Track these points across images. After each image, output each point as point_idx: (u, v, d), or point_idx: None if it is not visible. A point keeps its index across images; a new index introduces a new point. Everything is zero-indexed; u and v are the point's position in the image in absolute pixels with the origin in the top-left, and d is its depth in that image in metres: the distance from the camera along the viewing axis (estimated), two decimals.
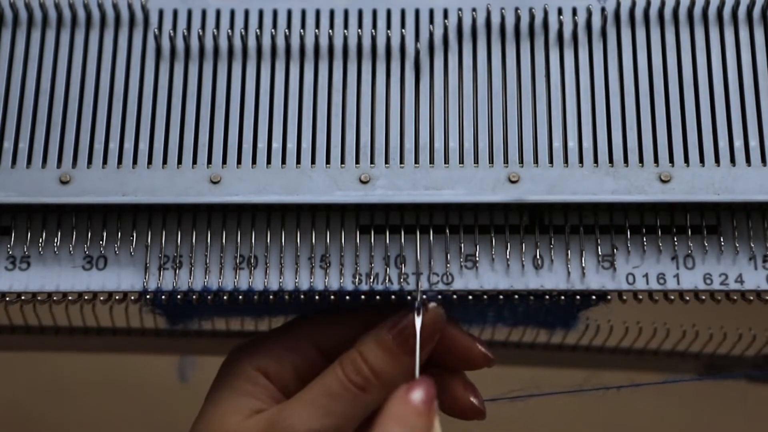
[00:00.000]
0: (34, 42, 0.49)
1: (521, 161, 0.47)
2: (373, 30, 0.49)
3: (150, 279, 0.46)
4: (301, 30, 0.50)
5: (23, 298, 0.47)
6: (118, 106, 0.48)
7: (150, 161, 0.47)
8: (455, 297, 0.46)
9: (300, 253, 0.47)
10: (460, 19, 0.50)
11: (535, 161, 0.47)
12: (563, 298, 0.46)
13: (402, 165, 0.47)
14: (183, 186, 0.46)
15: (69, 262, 0.47)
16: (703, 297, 0.46)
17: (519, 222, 0.47)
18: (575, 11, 0.50)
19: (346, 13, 0.50)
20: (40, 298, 0.47)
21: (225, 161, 0.47)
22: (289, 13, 0.50)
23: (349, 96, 0.49)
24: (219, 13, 0.50)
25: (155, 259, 0.47)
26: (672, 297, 0.47)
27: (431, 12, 0.50)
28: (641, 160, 0.47)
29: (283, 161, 0.47)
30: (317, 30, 0.50)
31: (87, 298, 0.47)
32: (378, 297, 0.46)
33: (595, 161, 0.47)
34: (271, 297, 0.46)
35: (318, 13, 0.50)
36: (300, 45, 0.49)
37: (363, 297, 0.46)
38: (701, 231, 0.47)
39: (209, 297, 0.46)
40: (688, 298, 0.47)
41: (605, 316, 0.60)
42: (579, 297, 0.46)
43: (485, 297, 0.46)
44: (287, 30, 0.49)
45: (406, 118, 0.48)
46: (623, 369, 0.66)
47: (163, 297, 0.46)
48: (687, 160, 0.47)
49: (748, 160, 0.47)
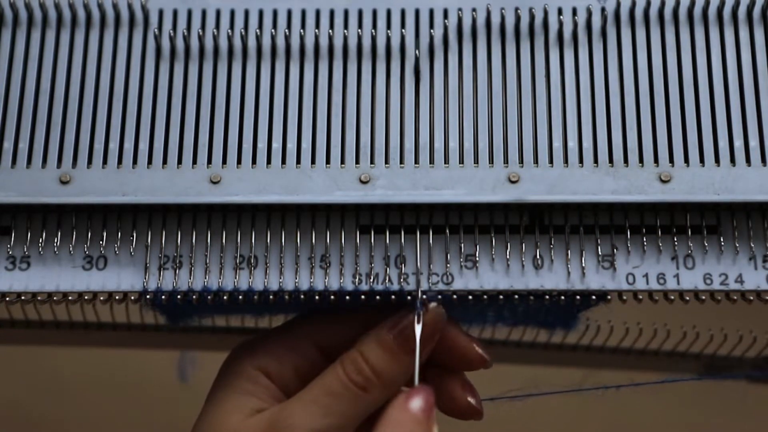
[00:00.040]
0: (34, 42, 0.49)
1: (521, 161, 0.47)
2: (373, 30, 0.49)
3: (150, 279, 0.46)
4: (301, 30, 0.50)
5: (23, 298, 0.47)
6: (118, 106, 0.48)
7: (150, 161, 0.47)
8: (455, 297, 0.46)
9: (300, 253, 0.47)
10: (460, 19, 0.50)
11: (535, 161, 0.47)
12: (563, 298, 0.46)
13: (402, 165, 0.47)
14: (183, 186, 0.46)
15: (69, 262, 0.47)
16: (703, 297, 0.46)
17: (519, 222, 0.47)
18: (575, 11, 0.50)
19: (346, 13, 0.50)
20: (40, 298, 0.47)
21: (225, 161, 0.47)
22: (289, 13, 0.50)
23: (349, 96, 0.49)
24: (219, 13, 0.50)
25: (155, 259, 0.47)
26: (672, 297, 0.47)
27: (431, 12, 0.50)
28: (641, 160, 0.47)
29: (283, 161, 0.47)
30: (317, 30, 0.50)
31: (87, 298, 0.47)
32: (378, 297, 0.46)
33: (595, 161, 0.47)
34: (271, 297, 0.46)
35: (318, 13, 0.50)
36: (300, 45, 0.49)
37: (363, 297, 0.46)
38: (701, 231, 0.47)
39: (209, 297, 0.46)
40: (688, 298, 0.47)
41: (605, 316, 0.60)
42: (579, 297, 0.46)
43: (485, 297, 0.46)
44: (287, 30, 0.49)
45: (406, 118, 0.48)
46: (623, 368, 0.66)
47: (163, 297, 0.46)
48: (687, 160, 0.47)
49: (748, 160, 0.47)
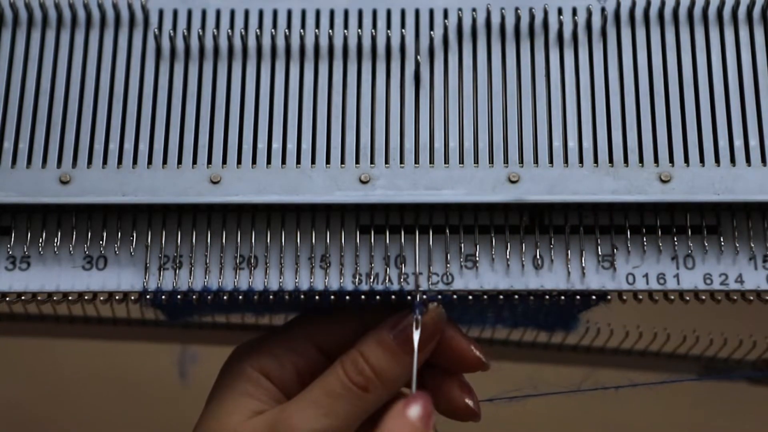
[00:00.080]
0: (34, 42, 0.49)
1: (521, 161, 0.47)
2: (373, 30, 0.49)
3: (150, 279, 0.46)
4: (301, 30, 0.50)
5: (23, 298, 0.47)
6: (118, 106, 0.48)
7: (150, 161, 0.47)
8: (455, 297, 0.46)
9: (300, 253, 0.47)
10: (460, 19, 0.50)
11: (535, 161, 0.47)
12: (563, 298, 0.46)
13: (402, 165, 0.47)
14: (183, 186, 0.46)
15: (69, 262, 0.47)
16: (703, 297, 0.46)
17: (519, 222, 0.47)
18: (575, 11, 0.50)
19: (346, 13, 0.50)
20: (40, 298, 0.47)
21: (225, 161, 0.47)
22: (289, 13, 0.50)
23: (349, 96, 0.49)
24: (219, 13, 0.50)
25: (155, 259, 0.47)
26: (672, 297, 0.47)
27: (431, 12, 0.50)
28: (641, 160, 0.47)
29: (283, 161, 0.47)
30: (317, 30, 0.50)
31: (87, 298, 0.47)
32: (378, 297, 0.46)
33: (595, 161, 0.47)
34: (271, 297, 0.46)
35: (318, 13, 0.50)
36: (300, 45, 0.49)
37: (363, 297, 0.46)
38: (701, 231, 0.47)
39: (209, 297, 0.46)
40: (688, 298, 0.47)
41: (605, 318, 0.59)
42: (579, 297, 0.46)
43: (485, 297, 0.46)
44: (287, 30, 0.49)
45: (406, 118, 0.48)
46: (622, 370, 0.66)
47: (163, 297, 0.46)
48: (687, 160, 0.47)
49: (748, 160, 0.47)
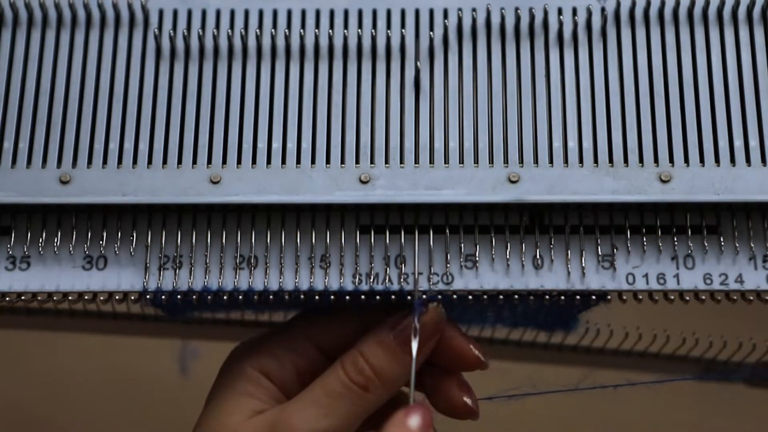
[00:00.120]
0: (34, 42, 0.49)
1: (521, 161, 0.47)
2: (373, 30, 0.49)
3: (150, 279, 0.46)
4: (301, 30, 0.50)
5: (23, 297, 0.47)
6: (118, 106, 0.48)
7: (150, 161, 0.47)
8: (455, 297, 0.46)
9: (300, 253, 0.47)
10: (460, 19, 0.50)
11: (535, 161, 0.47)
12: (563, 298, 0.46)
13: (402, 165, 0.47)
14: (183, 186, 0.46)
15: (69, 262, 0.47)
16: (703, 297, 0.46)
17: (519, 222, 0.47)
18: (575, 11, 0.50)
19: (346, 13, 0.50)
20: (40, 298, 0.47)
21: (225, 161, 0.47)
22: (289, 13, 0.50)
23: (349, 96, 0.49)
24: (219, 13, 0.50)
25: (155, 259, 0.47)
26: (672, 297, 0.47)
27: (431, 12, 0.50)
28: (641, 160, 0.47)
29: (283, 161, 0.47)
30: (317, 30, 0.50)
31: (87, 298, 0.47)
32: (378, 297, 0.46)
33: (595, 161, 0.47)
34: (271, 297, 0.46)
35: (318, 13, 0.50)
36: (300, 45, 0.49)
37: (363, 297, 0.46)
38: (701, 231, 0.47)
39: (209, 297, 0.46)
40: (688, 298, 0.47)
41: (605, 319, 0.59)
42: (579, 297, 0.46)
43: (485, 297, 0.46)
44: (287, 30, 0.49)
45: (406, 118, 0.48)
46: (621, 370, 0.66)
47: (163, 297, 0.46)
48: (687, 160, 0.47)
49: (748, 160, 0.47)
